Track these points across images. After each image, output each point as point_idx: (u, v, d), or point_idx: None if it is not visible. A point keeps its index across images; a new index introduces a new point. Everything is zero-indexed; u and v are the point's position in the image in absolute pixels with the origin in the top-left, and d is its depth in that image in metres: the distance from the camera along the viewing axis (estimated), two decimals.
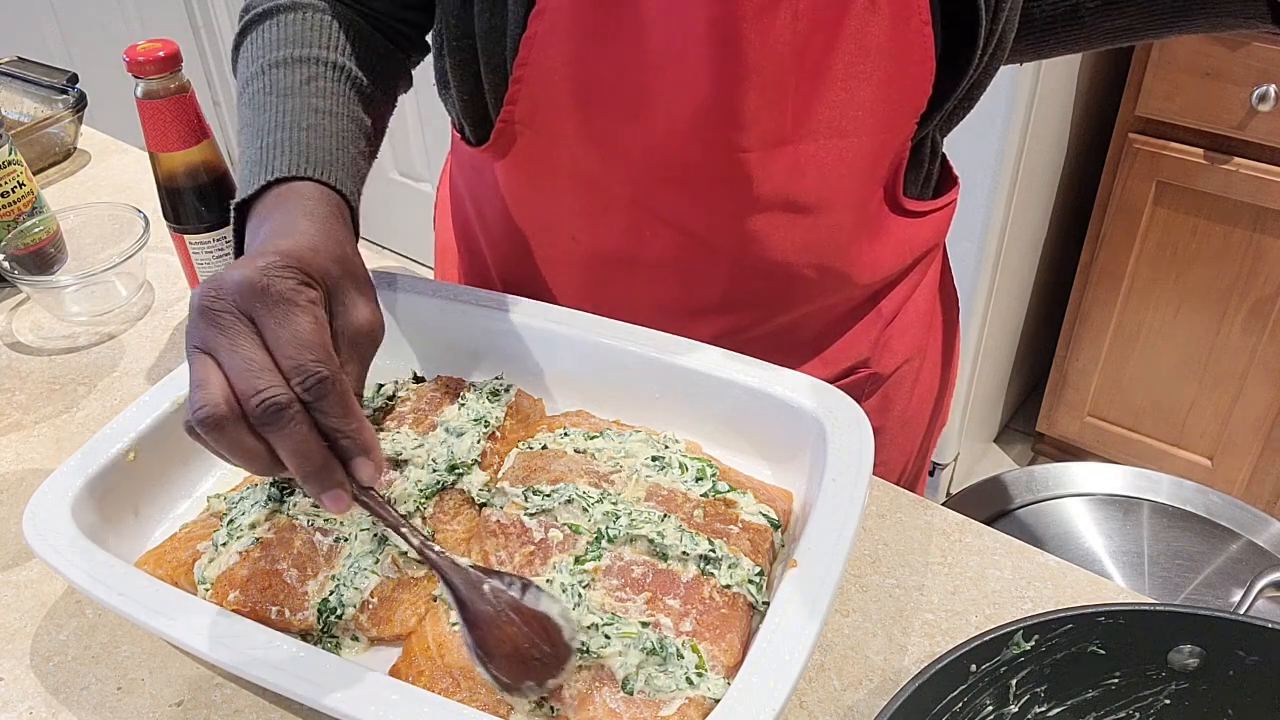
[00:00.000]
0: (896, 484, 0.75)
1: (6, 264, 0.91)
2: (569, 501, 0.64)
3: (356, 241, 0.61)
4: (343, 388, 0.50)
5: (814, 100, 0.67)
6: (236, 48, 0.73)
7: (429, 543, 0.56)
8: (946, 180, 0.84)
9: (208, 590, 0.61)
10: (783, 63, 0.65)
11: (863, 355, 0.85)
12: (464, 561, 0.56)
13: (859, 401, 0.87)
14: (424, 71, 0.81)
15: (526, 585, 0.55)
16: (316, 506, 0.65)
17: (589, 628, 0.57)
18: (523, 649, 0.53)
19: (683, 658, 0.56)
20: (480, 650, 0.53)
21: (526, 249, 0.84)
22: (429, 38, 0.80)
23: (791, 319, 0.81)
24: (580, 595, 0.59)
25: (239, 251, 0.62)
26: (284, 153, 0.61)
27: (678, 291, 0.79)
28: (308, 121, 0.63)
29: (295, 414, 0.48)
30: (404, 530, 0.55)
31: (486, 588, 0.54)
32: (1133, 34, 0.73)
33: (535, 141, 0.74)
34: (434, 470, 0.67)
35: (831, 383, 0.83)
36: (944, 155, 0.82)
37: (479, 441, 0.69)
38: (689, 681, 0.55)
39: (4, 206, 0.95)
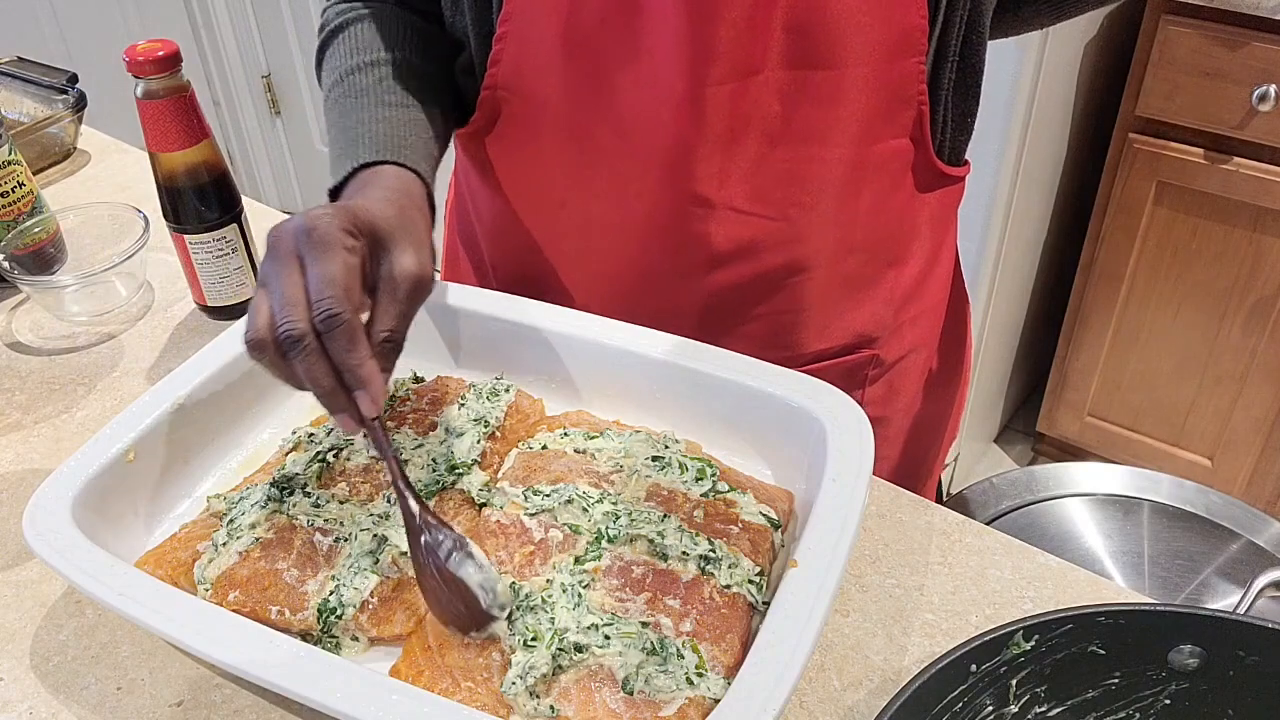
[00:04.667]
0: (900, 484, 0.75)
1: (6, 264, 0.91)
2: (569, 501, 0.64)
3: (432, 212, 0.69)
4: (351, 326, 0.55)
5: (794, 31, 0.68)
6: (319, 63, 0.82)
7: (405, 483, 0.59)
8: (961, 153, 0.82)
9: (208, 590, 0.61)
10: None
11: (867, 332, 0.85)
12: (415, 506, 0.58)
13: (861, 385, 0.86)
14: None
15: (457, 547, 0.57)
16: (317, 506, 0.65)
17: (589, 628, 0.57)
18: (439, 598, 0.57)
19: (683, 658, 0.56)
20: (418, 582, 0.59)
21: (518, 229, 0.85)
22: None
23: (791, 281, 0.80)
24: (580, 595, 0.59)
25: None
26: (364, 143, 0.70)
27: (669, 254, 0.79)
28: (382, 115, 0.73)
29: (309, 344, 0.55)
30: (397, 472, 0.59)
31: (423, 540, 0.58)
32: None
33: (520, 108, 0.76)
34: (434, 470, 0.67)
35: (831, 358, 0.83)
36: (966, 124, 0.80)
37: (479, 441, 0.69)
38: (689, 681, 0.55)
39: (4, 206, 0.95)
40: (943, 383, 0.96)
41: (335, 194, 0.70)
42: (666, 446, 0.68)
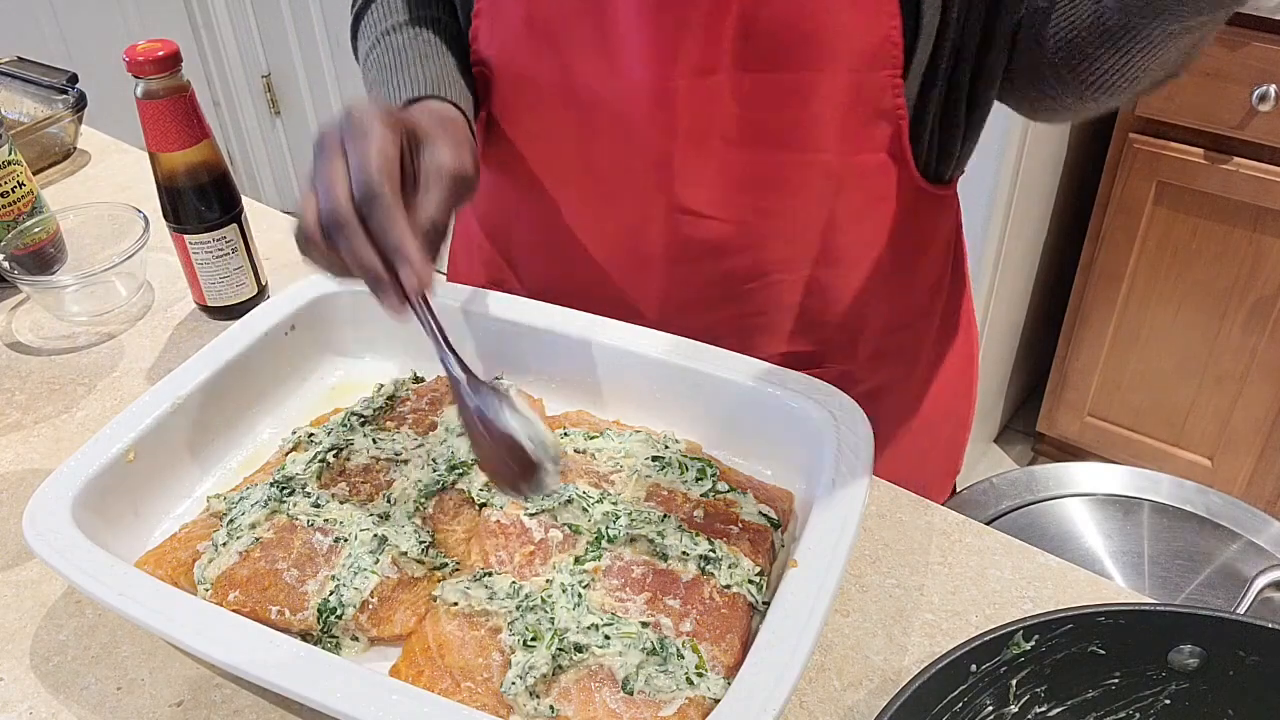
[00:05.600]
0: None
1: (6, 264, 0.91)
2: (569, 501, 0.64)
3: (473, 138, 0.71)
4: (389, 202, 0.56)
5: (751, 33, 0.67)
6: (354, 35, 0.84)
7: (450, 352, 0.59)
8: (944, 173, 0.80)
9: (208, 590, 0.61)
10: None
11: (835, 345, 0.83)
12: (459, 373, 0.59)
13: None
14: None
15: (502, 403, 0.57)
16: (317, 507, 0.65)
17: (589, 628, 0.57)
18: (490, 455, 0.58)
19: (683, 658, 0.56)
20: (473, 454, 0.60)
21: (496, 207, 0.86)
22: None
23: (753, 286, 0.79)
24: (580, 595, 0.59)
25: None
26: (404, 89, 0.73)
27: (627, 247, 0.79)
28: (420, 65, 0.75)
29: (351, 224, 0.56)
30: (441, 343, 0.59)
31: (471, 404, 0.58)
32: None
33: (499, 86, 0.77)
34: (434, 470, 0.67)
35: (797, 369, 0.82)
36: (949, 150, 0.78)
37: None
38: (689, 681, 0.55)
39: (4, 206, 0.95)
40: (936, 411, 0.93)
41: None
42: (666, 446, 0.68)
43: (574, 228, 0.82)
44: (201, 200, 0.86)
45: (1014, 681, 0.52)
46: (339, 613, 0.60)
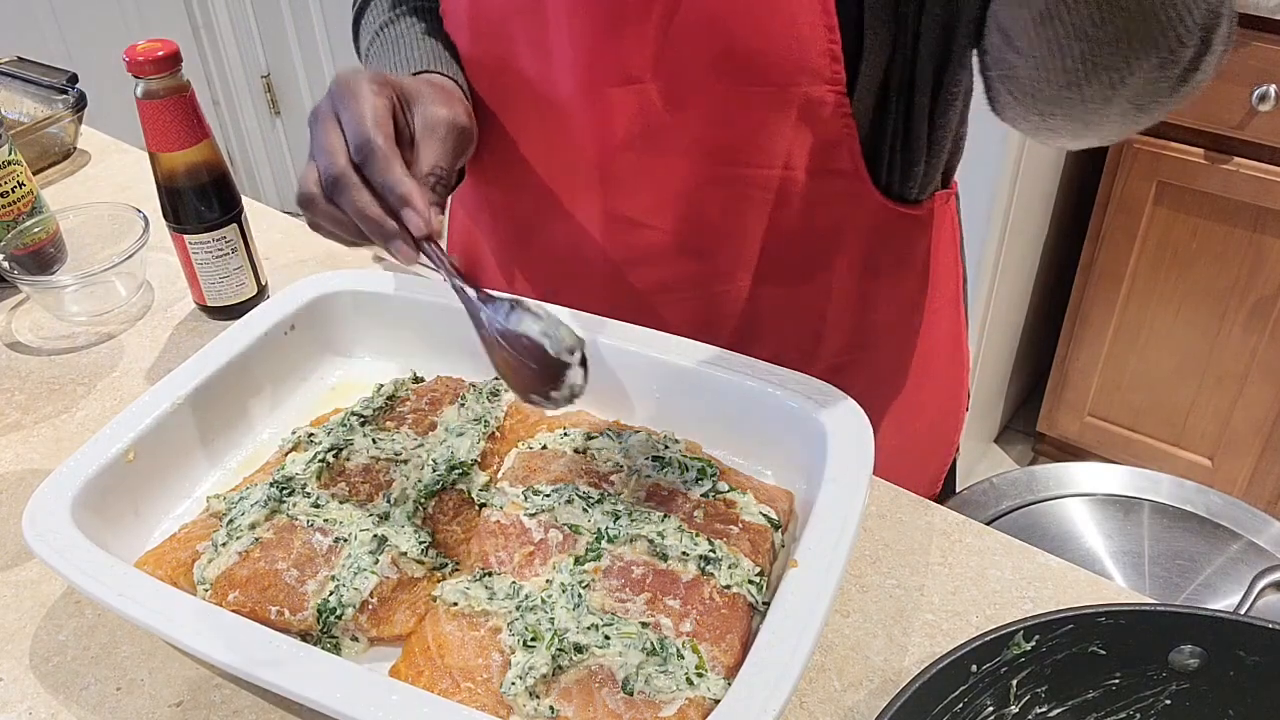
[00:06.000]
0: None
1: (6, 264, 0.91)
2: (569, 501, 0.64)
3: (469, 103, 0.72)
4: (385, 153, 0.57)
5: (675, 42, 0.66)
6: (355, 33, 0.85)
7: (459, 276, 0.60)
8: (909, 193, 0.77)
9: (208, 590, 0.61)
10: None
11: (782, 356, 0.78)
12: (471, 292, 0.60)
13: None
14: None
15: (513, 307, 0.58)
16: (317, 507, 0.65)
17: (589, 628, 0.57)
18: (514, 367, 0.58)
19: (683, 658, 0.56)
20: (495, 369, 0.60)
21: (470, 200, 0.87)
22: None
23: (701, 296, 0.78)
24: (580, 595, 0.59)
25: None
26: (403, 68, 0.74)
27: (576, 252, 0.80)
28: (416, 45, 0.76)
29: (350, 180, 0.57)
30: (454, 273, 0.60)
31: (483, 316, 0.59)
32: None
33: (470, 78, 0.77)
34: (434, 470, 0.67)
35: None
36: (912, 173, 0.75)
37: (479, 441, 0.69)
38: (689, 682, 0.55)
39: (4, 206, 0.95)
40: (918, 432, 0.91)
41: None
42: (666, 446, 0.68)
43: (526, 229, 0.83)
44: (201, 200, 0.86)
45: (1014, 682, 0.52)
46: (339, 613, 0.60)
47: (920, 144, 0.73)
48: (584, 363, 0.57)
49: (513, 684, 0.55)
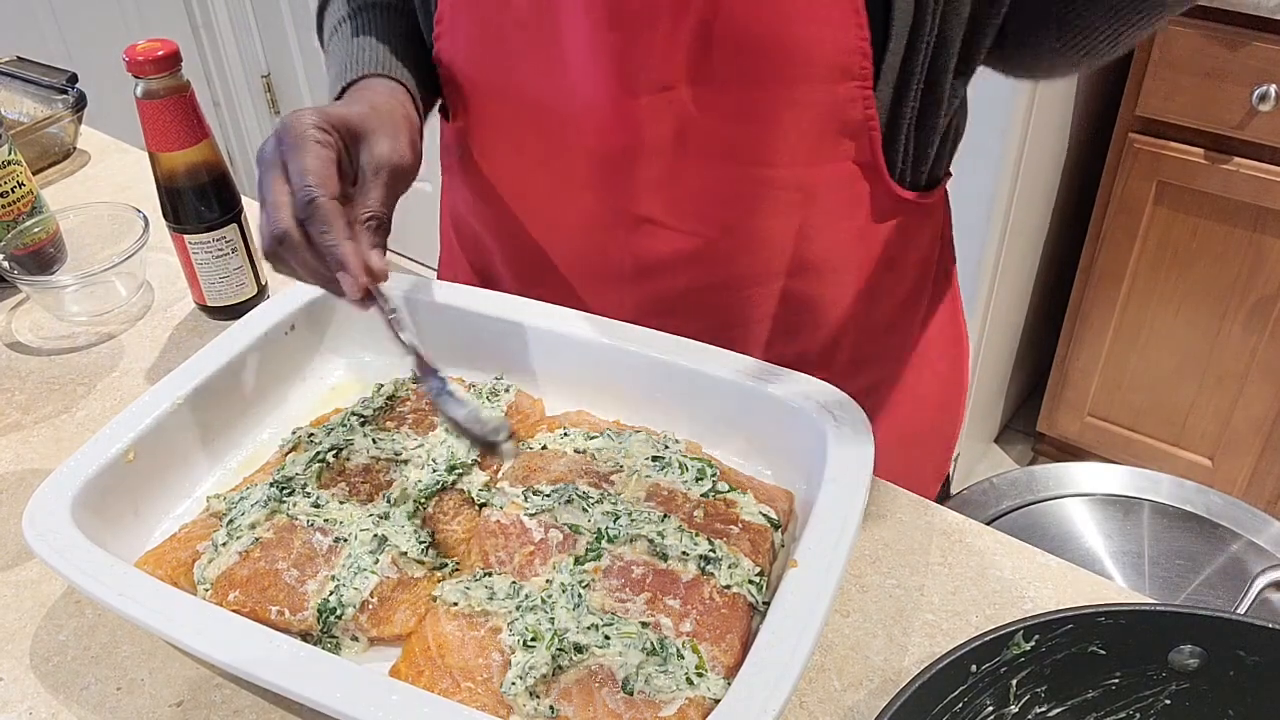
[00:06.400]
0: None
1: (6, 264, 0.91)
2: (569, 501, 0.64)
3: (418, 114, 0.74)
4: (326, 208, 0.59)
5: (710, 47, 0.66)
6: (319, 27, 0.85)
7: (402, 344, 0.63)
8: (921, 181, 0.78)
9: (208, 590, 0.61)
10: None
11: (812, 356, 0.82)
12: (411, 361, 0.63)
13: None
14: None
15: (441, 390, 0.62)
16: (317, 507, 0.65)
17: (589, 628, 0.57)
18: (460, 439, 0.64)
19: (683, 658, 0.56)
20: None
21: (475, 213, 0.86)
22: None
23: (723, 299, 0.79)
24: (580, 595, 0.59)
25: None
26: (355, 66, 0.75)
27: (596, 260, 0.80)
28: (370, 43, 0.77)
29: (292, 239, 0.59)
30: (395, 335, 0.63)
31: (423, 389, 0.64)
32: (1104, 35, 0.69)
33: (466, 93, 0.78)
34: (434, 470, 0.67)
35: None
36: (926, 154, 0.77)
37: None
38: (689, 681, 0.55)
39: (4, 206, 0.95)
40: (924, 425, 0.92)
41: None
42: (666, 446, 0.68)
43: (541, 241, 0.82)
44: (201, 200, 0.86)
45: (1014, 682, 0.52)
46: (339, 613, 0.60)
47: (937, 125, 0.74)
48: (511, 436, 0.62)
49: (513, 684, 0.55)
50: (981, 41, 0.71)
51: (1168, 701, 0.54)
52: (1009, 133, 1.56)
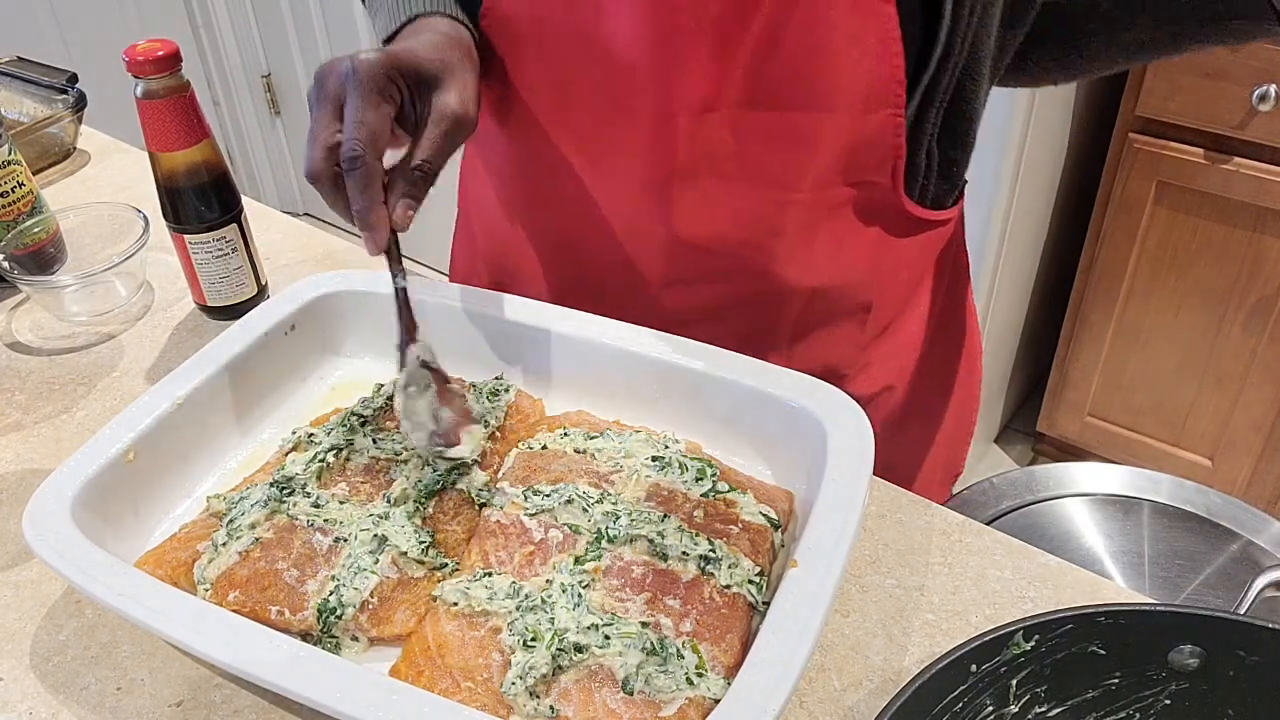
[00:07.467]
0: None
1: (6, 264, 0.91)
2: (569, 501, 0.64)
3: (478, 62, 0.71)
4: (368, 171, 0.59)
5: (756, 73, 0.67)
6: None
7: (401, 334, 0.67)
8: (945, 199, 0.80)
9: (208, 590, 0.61)
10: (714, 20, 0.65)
11: (835, 366, 0.84)
12: (418, 352, 0.67)
13: None
14: None
15: (410, 384, 0.66)
16: (317, 507, 0.65)
17: (589, 628, 0.57)
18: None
19: (683, 658, 0.56)
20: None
21: (503, 208, 0.86)
22: None
23: (750, 313, 0.80)
24: (580, 595, 0.59)
25: None
26: (407, 6, 0.72)
27: (625, 269, 0.80)
28: None
29: (325, 183, 0.61)
30: (399, 299, 0.67)
31: (399, 372, 0.67)
32: (1146, 50, 0.72)
33: (504, 44, 0.76)
34: (434, 470, 0.67)
35: None
36: (951, 173, 0.78)
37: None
38: (689, 681, 0.55)
39: (4, 206, 0.95)
40: (931, 424, 0.93)
41: (387, 44, 0.71)
42: (666, 446, 0.68)
43: (575, 246, 0.82)
44: (201, 200, 0.86)
45: (1014, 681, 0.52)
46: (339, 613, 0.60)
47: (964, 144, 0.75)
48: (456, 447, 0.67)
49: (513, 684, 0.55)
50: (1001, 63, 0.72)
51: (1168, 701, 0.54)
52: (1009, 133, 1.56)
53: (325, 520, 0.64)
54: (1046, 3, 0.72)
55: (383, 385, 0.75)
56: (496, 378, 0.75)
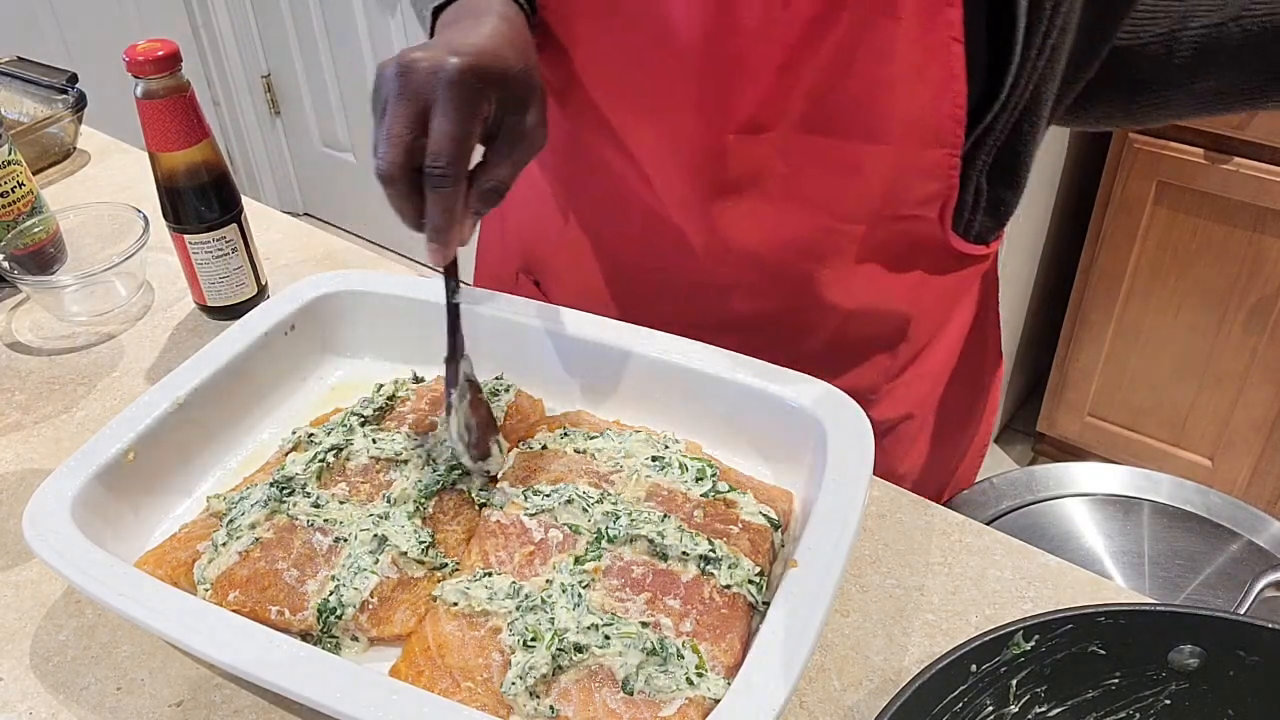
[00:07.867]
0: None
1: (6, 264, 0.91)
2: (569, 501, 0.64)
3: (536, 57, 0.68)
4: (452, 192, 0.57)
5: (815, 98, 0.66)
6: None
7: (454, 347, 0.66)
8: (988, 235, 0.79)
9: (208, 590, 0.61)
10: (774, 46, 0.65)
11: (861, 390, 0.82)
12: (464, 368, 0.67)
13: None
14: None
15: (448, 404, 0.66)
16: (317, 507, 0.65)
17: (589, 628, 0.57)
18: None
19: (683, 658, 0.56)
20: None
21: (544, 229, 0.85)
22: None
23: (781, 334, 0.80)
24: (580, 595, 0.59)
25: None
26: None
27: (654, 280, 0.80)
28: None
29: (398, 187, 0.57)
30: (450, 326, 0.66)
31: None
32: (1222, 101, 0.70)
33: (563, 35, 0.73)
34: (434, 470, 0.67)
35: None
36: (998, 211, 0.77)
37: None
38: (689, 681, 0.55)
39: (4, 206, 0.95)
40: (959, 441, 0.94)
41: (436, 13, 0.67)
42: (666, 446, 0.68)
43: (610, 247, 0.82)
44: (201, 200, 0.86)
45: (1014, 681, 0.52)
46: (339, 613, 0.60)
47: (1015, 184, 0.74)
48: (484, 458, 0.67)
49: (513, 684, 0.55)
50: (1061, 105, 0.71)
51: (1168, 701, 0.54)
52: None
53: (325, 520, 0.64)
54: (1117, 48, 0.70)
55: (383, 385, 0.75)
56: (496, 377, 0.75)
